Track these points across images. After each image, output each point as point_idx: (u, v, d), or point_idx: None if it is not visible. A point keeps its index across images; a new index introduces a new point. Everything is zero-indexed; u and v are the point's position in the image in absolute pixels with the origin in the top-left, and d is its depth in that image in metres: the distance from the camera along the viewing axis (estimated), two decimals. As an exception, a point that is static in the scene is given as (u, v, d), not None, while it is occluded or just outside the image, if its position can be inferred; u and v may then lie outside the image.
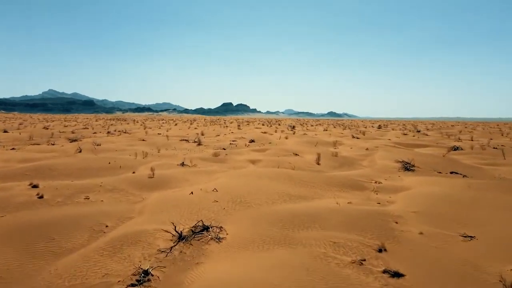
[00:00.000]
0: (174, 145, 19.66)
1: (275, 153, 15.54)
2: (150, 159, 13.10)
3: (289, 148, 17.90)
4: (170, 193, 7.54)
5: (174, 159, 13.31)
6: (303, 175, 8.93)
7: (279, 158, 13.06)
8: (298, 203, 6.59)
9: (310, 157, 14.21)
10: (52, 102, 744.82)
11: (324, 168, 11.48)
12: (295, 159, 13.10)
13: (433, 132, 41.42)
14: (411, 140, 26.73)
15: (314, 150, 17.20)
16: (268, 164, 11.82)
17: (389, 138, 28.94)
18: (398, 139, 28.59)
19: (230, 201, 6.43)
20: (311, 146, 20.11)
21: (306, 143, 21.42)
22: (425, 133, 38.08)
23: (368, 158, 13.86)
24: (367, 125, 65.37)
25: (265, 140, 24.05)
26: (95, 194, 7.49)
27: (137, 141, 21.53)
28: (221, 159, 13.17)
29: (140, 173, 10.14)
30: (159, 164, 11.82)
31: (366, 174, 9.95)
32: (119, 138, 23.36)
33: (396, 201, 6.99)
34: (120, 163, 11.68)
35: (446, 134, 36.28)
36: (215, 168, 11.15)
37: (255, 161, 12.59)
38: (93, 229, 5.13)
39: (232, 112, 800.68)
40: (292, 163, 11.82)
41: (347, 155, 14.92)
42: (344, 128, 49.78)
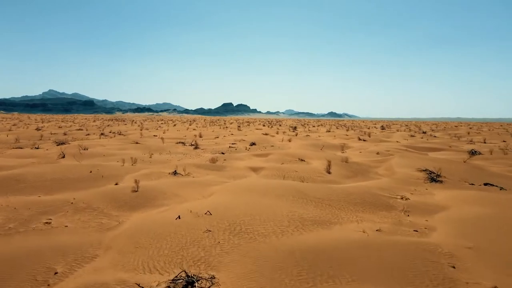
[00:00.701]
0: (169, 149, 18.23)
1: (278, 159, 14.09)
2: (139, 166, 11.67)
3: (293, 152, 16.45)
4: (154, 214, 6.10)
5: (166, 166, 11.87)
6: (316, 190, 7.48)
7: (283, 166, 11.62)
8: (315, 231, 5.14)
9: (318, 164, 12.76)
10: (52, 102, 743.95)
11: (337, 178, 10.04)
12: (301, 166, 11.66)
13: (440, 133, 39.94)
14: (421, 143, 25.27)
15: (320, 154, 15.76)
16: (272, 172, 10.38)
17: (397, 140, 27.50)
18: (406, 141, 27.15)
19: (227, 230, 4.98)
20: (317, 150, 18.66)
21: (311, 146, 19.97)
22: (431, 134, 36.63)
23: (383, 164, 12.41)
24: (370, 126, 63.89)
25: (267, 143, 22.60)
26: (60, 216, 6.05)
27: (129, 144, 20.09)
28: (219, 166, 11.73)
29: (124, 184, 8.70)
30: (148, 172, 10.39)
31: (387, 186, 8.50)
32: (111, 141, 21.93)
33: (436, 227, 5.54)
34: (103, 171, 10.24)
35: (455, 136, 34.83)
36: (212, 178, 9.72)
37: (257, 169, 11.14)
38: (35, 280, 3.69)
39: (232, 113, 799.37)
40: (299, 172, 10.37)
41: (359, 161, 13.47)
42: (347, 129, 48.32)
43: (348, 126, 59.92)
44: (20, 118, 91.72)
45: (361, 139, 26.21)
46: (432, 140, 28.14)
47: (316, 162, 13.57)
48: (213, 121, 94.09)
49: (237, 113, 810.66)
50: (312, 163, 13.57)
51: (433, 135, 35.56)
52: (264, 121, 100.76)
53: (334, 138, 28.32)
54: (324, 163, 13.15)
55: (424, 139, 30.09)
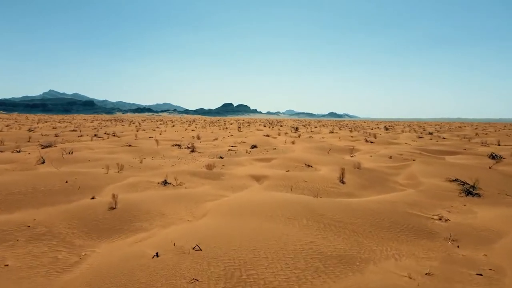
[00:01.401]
0: (163, 152, 16.82)
1: (283, 164, 12.68)
2: (126, 174, 10.26)
3: (298, 156, 15.04)
4: (126, 247, 4.68)
5: (157, 173, 10.46)
6: (333, 208, 6.06)
7: (289, 174, 10.20)
8: (342, 276, 3.72)
9: (327, 171, 11.35)
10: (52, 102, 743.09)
11: (352, 189, 8.62)
12: (309, 174, 10.24)
13: (447, 135, 38.49)
14: (431, 145, 23.84)
15: (328, 159, 14.34)
16: (277, 182, 8.95)
17: (406, 142, 26.07)
18: (415, 143, 25.72)
19: (221, 279, 3.55)
20: (323, 154, 17.25)
21: (316, 149, 18.56)
22: (439, 136, 35.18)
23: (401, 172, 10.99)
24: (373, 127, 62.43)
25: (269, 145, 21.19)
26: (5, 247, 4.65)
27: (121, 147, 18.69)
28: (216, 174, 10.32)
29: (103, 198, 7.28)
30: (135, 182, 8.98)
31: (416, 202, 7.08)
32: (102, 143, 20.52)
33: (504, 266, 4.13)
34: (81, 181, 8.83)
35: (464, 137, 33.38)
36: (206, 190, 8.31)
37: (259, 178, 9.72)
38: None
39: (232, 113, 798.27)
40: (308, 182, 8.95)
41: (372, 167, 12.05)
42: (350, 130, 46.89)
43: (351, 127, 58.49)
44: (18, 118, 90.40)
45: (368, 141, 24.78)
46: (443, 142, 26.70)
47: (325, 168, 12.16)
48: (213, 121, 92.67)
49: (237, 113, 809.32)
50: (320, 169, 12.15)
51: (441, 136, 34.12)
52: (265, 121, 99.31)
53: (339, 140, 26.90)
54: (333, 169, 11.74)
55: (433, 140, 28.65)
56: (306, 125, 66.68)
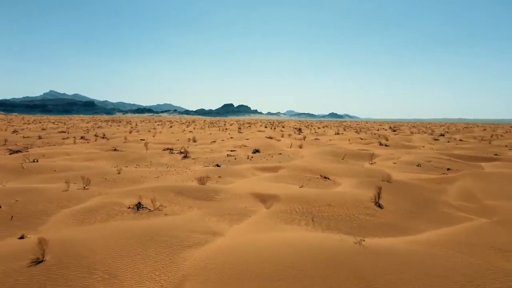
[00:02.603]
0: (151, 159, 14.45)
1: (293, 176, 10.30)
2: (92, 191, 7.89)
3: (309, 164, 12.66)
4: None
5: (132, 190, 8.08)
6: (389, 269, 3.66)
7: (305, 192, 7.81)
8: None
9: (351, 186, 8.97)
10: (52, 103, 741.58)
11: (396, 217, 6.23)
12: (332, 192, 7.84)
13: (461, 136, 36.03)
14: (454, 148, 21.45)
15: (347, 168, 11.95)
16: (291, 207, 6.56)
17: (423, 145, 23.67)
18: (434, 146, 23.31)
19: None
20: (338, 160, 14.86)
21: (328, 154, 16.16)
22: (452, 137, 32.72)
23: (447, 187, 8.58)
24: (377, 127, 59.96)
25: (273, 149, 18.80)
26: None
27: (105, 151, 16.33)
28: (209, 192, 7.93)
29: (40, 235, 4.92)
30: (98, 205, 6.61)
31: (506, 245, 4.69)
32: (85, 147, 18.16)
33: None
34: (23, 205, 6.46)
35: (483, 140, 30.92)
36: (193, 219, 5.95)
37: (266, 198, 7.33)
38: None
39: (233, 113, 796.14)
40: (333, 206, 6.55)
41: (405, 180, 9.65)
42: (356, 131, 44.48)
43: (355, 128, 56.06)
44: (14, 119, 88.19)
45: (382, 144, 22.37)
46: (463, 145, 24.26)
47: (346, 181, 9.77)
48: (213, 122, 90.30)
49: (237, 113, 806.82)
50: (340, 182, 9.76)
51: (455, 138, 31.69)
52: (266, 122, 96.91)
53: (349, 143, 24.49)
54: (357, 182, 9.37)
55: (452, 143, 26.22)
56: (308, 126, 64.32)
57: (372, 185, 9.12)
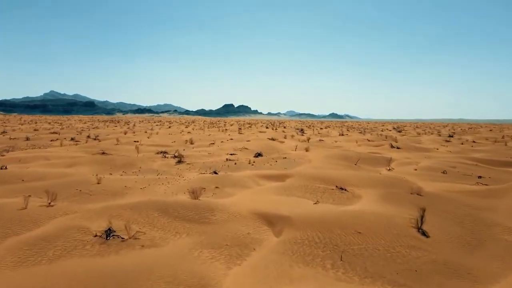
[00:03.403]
0: (141, 164, 12.88)
1: (304, 186, 8.72)
2: (56, 209, 6.33)
3: (320, 171, 11.09)
4: None
5: (108, 206, 6.51)
6: None
7: (323, 211, 6.23)
8: None
9: (375, 201, 7.40)
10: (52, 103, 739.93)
11: (450, 251, 4.66)
12: (356, 211, 6.26)
13: (470, 137, 34.43)
14: (472, 152, 19.88)
15: (364, 176, 10.34)
16: (308, 236, 4.98)
17: (437, 148, 22.09)
18: (448, 148, 21.71)
19: None
20: (350, 165, 13.28)
21: (338, 158, 14.56)
22: (466, 139, 31.11)
23: (497, 204, 7.01)
24: (381, 128, 58.33)
25: (277, 152, 17.24)
26: None
27: (92, 155, 14.77)
28: (203, 211, 6.36)
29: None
30: (54, 231, 5.06)
31: None
32: (70, 150, 16.60)
33: None
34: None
35: (496, 141, 29.30)
36: (178, 252, 4.41)
37: (275, 221, 5.75)
38: None
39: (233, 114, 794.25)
40: (364, 234, 4.98)
41: (440, 192, 8.07)
42: (360, 132, 42.90)
43: (359, 129, 54.44)
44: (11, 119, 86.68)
45: (393, 147, 20.77)
46: (479, 148, 22.67)
47: (367, 193, 8.20)
48: (213, 122, 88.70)
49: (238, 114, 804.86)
50: (360, 195, 8.18)
51: (466, 140, 30.09)
52: (266, 122, 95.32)
53: (357, 145, 22.90)
54: (381, 195, 7.81)
55: (466, 145, 24.62)
56: (310, 127, 62.76)
57: (399, 198, 7.57)
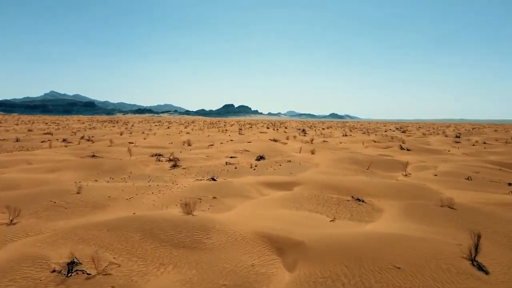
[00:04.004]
0: (132, 168, 11.72)
1: (315, 197, 7.55)
2: (18, 229, 5.18)
3: (331, 178, 9.93)
4: None
5: (81, 224, 5.36)
6: None
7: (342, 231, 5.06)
8: None
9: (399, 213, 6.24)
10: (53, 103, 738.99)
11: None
12: (387, 236, 5.09)
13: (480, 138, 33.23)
14: (488, 154, 18.70)
15: (380, 184, 9.16)
16: (331, 271, 3.83)
17: (448, 150, 20.91)
18: (461, 150, 20.53)
19: None
20: (362, 170, 12.11)
21: (348, 162, 13.38)
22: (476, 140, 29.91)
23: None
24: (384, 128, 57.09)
25: (280, 155, 16.07)
26: None
27: (80, 158, 13.62)
28: (197, 231, 5.20)
29: None
30: (7, 261, 3.92)
31: None
32: (58, 153, 15.44)
33: None
34: None
35: (507, 142, 28.10)
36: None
37: (285, 246, 4.58)
38: None
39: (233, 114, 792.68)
40: (403, 268, 3.81)
41: (475, 205, 6.91)
42: (363, 133, 41.72)
43: (362, 129, 53.24)
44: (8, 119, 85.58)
45: (403, 148, 19.59)
46: (494, 149, 21.48)
47: (389, 205, 7.03)
48: (213, 122, 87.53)
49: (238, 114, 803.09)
50: (381, 207, 7.01)
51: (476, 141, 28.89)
52: (267, 122, 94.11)
53: (364, 147, 21.71)
54: (404, 207, 6.65)
55: (478, 147, 23.41)
56: (311, 127, 61.57)
57: (429, 213, 6.40)
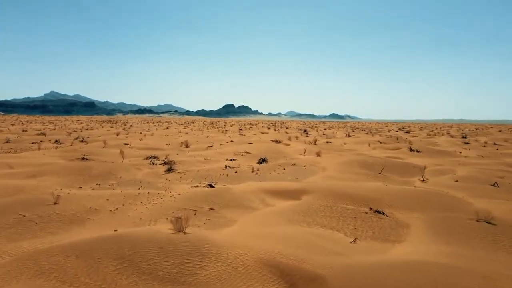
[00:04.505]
0: (123, 172, 10.71)
1: (328, 208, 6.54)
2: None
3: (340, 184, 8.92)
4: None
5: (47, 246, 4.34)
6: None
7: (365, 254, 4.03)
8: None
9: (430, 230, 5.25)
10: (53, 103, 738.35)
11: None
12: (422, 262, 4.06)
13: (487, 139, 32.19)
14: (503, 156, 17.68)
15: (396, 191, 8.13)
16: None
17: (459, 151, 19.89)
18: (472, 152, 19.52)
19: None
20: (374, 175, 11.09)
21: (358, 166, 12.34)
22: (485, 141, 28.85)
23: None
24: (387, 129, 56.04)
25: (284, 158, 15.06)
26: None
27: (69, 160, 12.62)
28: (187, 257, 4.18)
29: None
30: None
31: None
32: (46, 155, 14.43)
33: None
34: None
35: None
36: None
37: (299, 282, 3.55)
38: None
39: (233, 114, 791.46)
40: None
41: (510, 217, 5.90)
42: (367, 133, 40.70)
43: (365, 129, 52.21)
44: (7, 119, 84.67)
45: (412, 150, 18.55)
46: (507, 150, 20.44)
47: (414, 218, 6.02)
48: (213, 123, 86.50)
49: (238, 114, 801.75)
50: (405, 222, 5.99)
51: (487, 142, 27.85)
52: (268, 123, 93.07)
53: (372, 149, 20.66)
54: (433, 222, 5.65)
55: (489, 148, 22.38)
56: (313, 127, 60.57)
57: (465, 230, 5.39)
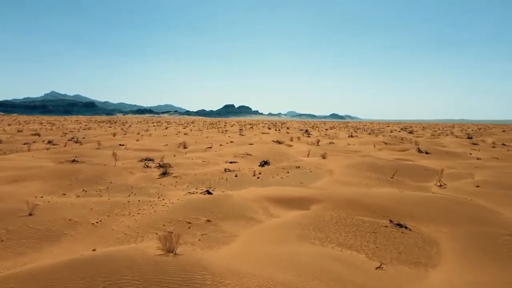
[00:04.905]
0: (114, 177, 9.89)
1: (341, 220, 5.73)
2: None
3: (351, 190, 8.12)
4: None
5: (7, 273, 3.54)
6: None
7: None
8: None
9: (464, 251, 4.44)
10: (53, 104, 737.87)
11: None
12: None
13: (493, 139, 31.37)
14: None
15: (415, 198, 7.32)
16: None
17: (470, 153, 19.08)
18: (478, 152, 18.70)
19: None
20: (386, 180, 10.26)
21: (367, 169, 11.51)
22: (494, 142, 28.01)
23: None
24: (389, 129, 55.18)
25: (287, 160, 14.25)
26: None
27: (58, 163, 11.82)
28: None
29: None
30: None
31: None
32: (35, 157, 13.62)
33: None
34: None
35: (527, 144, 26.19)
36: None
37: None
38: None
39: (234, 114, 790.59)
40: None
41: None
42: (369, 133, 39.87)
43: (367, 130, 51.36)
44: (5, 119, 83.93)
45: (421, 151, 17.72)
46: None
47: (441, 233, 5.22)
48: (213, 123, 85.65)
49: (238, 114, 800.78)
50: (435, 239, 5.18)
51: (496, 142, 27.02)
52: (268, 123, 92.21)
53: (378, 150, 19.82)
54: (467, 240, 4.85)
55: (500, 149, 21.53)
56: (314, 127, 59.73)
57: (504, 248, 4.60)
